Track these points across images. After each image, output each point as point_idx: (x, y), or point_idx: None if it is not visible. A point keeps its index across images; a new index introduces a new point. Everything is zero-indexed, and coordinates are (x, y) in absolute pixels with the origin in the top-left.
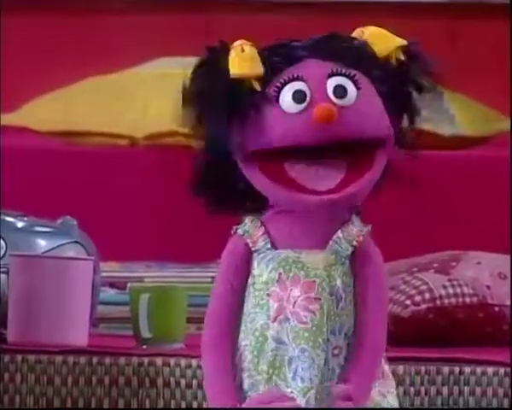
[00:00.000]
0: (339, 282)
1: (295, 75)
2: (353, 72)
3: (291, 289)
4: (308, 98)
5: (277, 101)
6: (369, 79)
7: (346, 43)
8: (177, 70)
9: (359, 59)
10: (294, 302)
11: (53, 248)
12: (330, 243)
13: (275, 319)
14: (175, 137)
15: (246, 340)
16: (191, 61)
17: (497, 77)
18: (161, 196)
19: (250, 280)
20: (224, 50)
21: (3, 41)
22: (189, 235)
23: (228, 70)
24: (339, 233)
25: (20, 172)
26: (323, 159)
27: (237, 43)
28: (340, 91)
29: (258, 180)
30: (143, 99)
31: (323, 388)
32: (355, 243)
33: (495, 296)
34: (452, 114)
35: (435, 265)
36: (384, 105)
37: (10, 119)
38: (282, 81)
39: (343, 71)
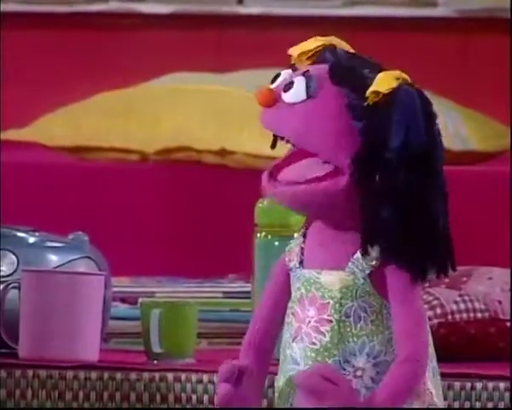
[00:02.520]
0: (356, 303)
1: (294, 66)
2: (321, 82)
3: (308, 310)
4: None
5: None
6: (346, 103)
7: (350, 62)
8: (188, 85)
9: (345, 79)
10: (308, 323)
11: (64, 264)
12: (349, 264)
13: (293, 340)
14: (186, 153)
15: (279, 355)
16: (202, 77)
17: (506, 92)
18: (172, 212)
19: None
20: None
21: (15, 56)
22: (199, 250)
23: None
24: (358, 254)
25: (31, 187)
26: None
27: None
28: (287, 86)
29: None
30: (154, 114)
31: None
32: (373, 263)
33: (506, 311)
34: (463, 130)
35: (446, 280)
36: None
37: (22, 134)
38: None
39: (308, 73)
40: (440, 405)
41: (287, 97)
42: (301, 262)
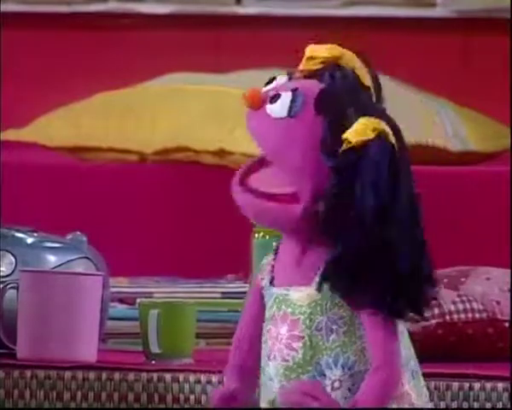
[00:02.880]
0: (325, 317)
1: (292, 74)
2: (305, 106)
3: (280, 327)
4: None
5: None
6: (321, 137)
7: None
8: (186, 86)
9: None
10: (281, 340)
11: (62, 264)
12: (315, 278)
13: (269, 358)
14: (184, 153)
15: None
16: (200, 77)
17: (506, 93)
18: (170, 212)
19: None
20: None
21: (14, 56)
22: (198, 250)
23: None
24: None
25: (29, 187)
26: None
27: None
28: (273, 98)
29: None
30: (153, 115)
31: None
32: None
33: (505, 312)
34: (462, 130)
35: (445, 280)
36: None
37: (20, 134)
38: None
39: (297, 92)
40: (422, 405)
41: (269, 109)
42: (272, 280)
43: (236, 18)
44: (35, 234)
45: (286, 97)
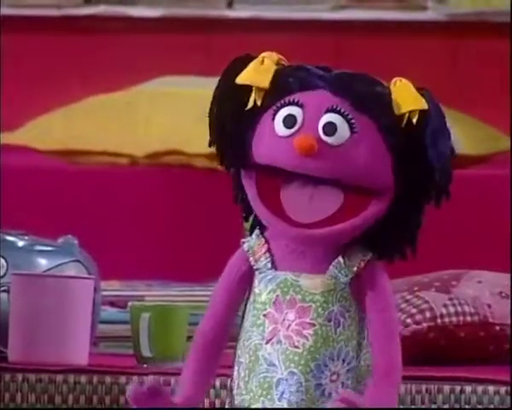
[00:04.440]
0: (336, 308)
1: (296, 100)
2: (354, 113)
3: (286, 313)
4: (298, 125)
5: (273, 120)
6: (376, 127)
7: (365, 86)
8: (178, 89)
9: (370, 104)
10: (288, 326)
11: (54, 267)
12: (330, 267)
13: (268, 341)
14: (175, 156)
15: (242, 357)
16: (192, 80)
17: (497, 96)
18: (162, 215)
19: (251, 297)
20: (248, 61)
21: (5, 60)
22: (189, 254)
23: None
24: (339, 259)
25: (20, 190)
26: (321, 187)
27: (264, 54)
28: (330, 129)
29: (250, 194)
30: (144, 118)
31: None
32: (355, 269)
33: (496, 315)
34: (452, 133)
35: (436, 284)
36: (393, 158)
37: (12, 137)
38: (282, 103)
39: (341, 109)
40: None
41: (332, 140)
42: (272, 264)
43: (227, 21)
44: (26, 237)
45: (339, 119)
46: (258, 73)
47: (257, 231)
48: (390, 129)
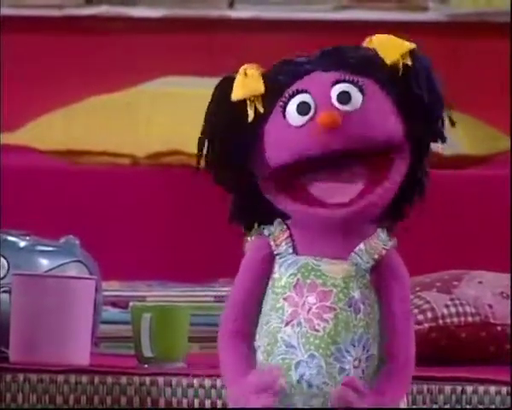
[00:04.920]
0: (357, 294)
1: (299, 88)
2: (357, 78)
3: (307, 296)
4: (313, 109)
5: (284, 117)
6: (377, 84)
7: (352, 52)
8: (179, 89)
9: (365, 66)
10: (309, 309)
11: (55, 268)
12: (352, 254)
13: (287, 324)
14: (176, 156)
15: (260, 341)
16: (193, 81)
17: (497, 96)
18: (163, 216)
19: (270, 282)
20: (231, 80)
21: (5, 60)
22: (191, 254)
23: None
24: (361, 245)
25: (21, 191)
26: (343, 169)
27: (242, 68)
28: (344, 97)
29: (278, 199)
30: (145, 118)
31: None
32: (377, 256)
33: (497, 316)
34: (454, 134)
35: (437, 284)
36: (398, 108)
37: (12, 138)
38: (287, 96)
39: (346, 78)
40: None
41: (350, 107)
42: (294, 249)
43: (229, 21)
44: (27, 238)
45: (348, 87)
46: (249, 84)
47: (278, 220)
48: (390, 82)
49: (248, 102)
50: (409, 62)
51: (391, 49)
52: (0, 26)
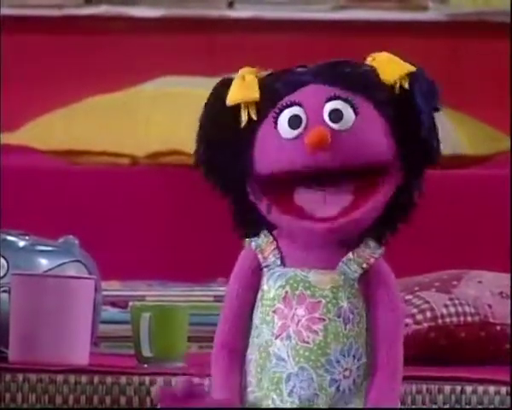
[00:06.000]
0: (346, 304)
1: (293, 100)
2: (352, 96)
3: (296, 308)
4: (304, 123)
5: (276, 127)
6: (372, 104)
7: (350, 69)
8: (179, 89)
9: (362, 84)
10: (298, 321)
11: (54, 267)
12: (340, 264)
13: (277, 337)
14: (176, 156)
15: (252, 354)
16: (193, 81)
17: (497, 96)
18: (162, 215)
19: (259, 294)
20: (228, 83)
21: (5, 60)
22: (190, 254)
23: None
24: (349, 255)
25: (21, 190)
26: (331, 183)
27: (241, 71)
28: (336, 115)
29: (262, 206)
30: (145, 118)
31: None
32: (365, 265)
33: (496, 315)
34: (453, 133)
35: (437, 284)
36: (391, 130)
37: (12, 138)
38: (280, 107)
39: (341, 95)
40: None
41: (340, 126)
42: (281, 260)
43: (229, 21)
44: (27, 237)
45: (341, 104)
46: (245, 89)
47: (264, 231)
48: (384, 102)
49: (243, 107)
50: (406, 85)
51: (391, 69)
52: (0, 26)
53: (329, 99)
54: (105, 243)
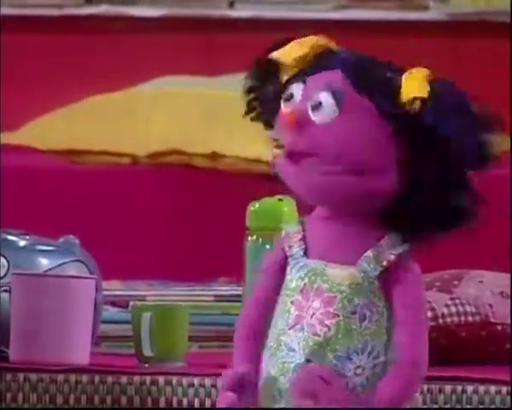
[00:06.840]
0: (362, 301)
1: (304, 78)
2: (349, 94)
3: (313, 301)
4: (294, 101)
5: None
6: (377, 110)
7: (375, 70)
8: (179, 88)
9: (374, 88)
10: (313, 314)
11: (55, 267)
12: (360, 260)
13: (291, 328)
14: (177, 156)
15: (270, 342)
16: (193, 80)
17: (497, 96)
18: (163, 215)
19: (284, 284)
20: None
21: (5, 60)
22: (190, 254)
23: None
24: (369, 252)
25: (21, 190)
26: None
27: (310, 37)
28: (316, 107)
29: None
30: (145, 118)
31: None
32: (385, 263)
33: (497, 315)
34: None
35: (437, 283)
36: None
37: (12, 137)
38: (291, 80)
39: (334, 89)
40: None
41: (318, 118)
42: (305, 251)
43: (229, 21)
44: (27, 237)
45: (326, 97)
46: (293, 46)
47: (300, 219)
48: (390, 114)
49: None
50: (416, 107)
51: (412, 87)
52: (0, 26)
53: (325, 88)
54: (105, 242)
